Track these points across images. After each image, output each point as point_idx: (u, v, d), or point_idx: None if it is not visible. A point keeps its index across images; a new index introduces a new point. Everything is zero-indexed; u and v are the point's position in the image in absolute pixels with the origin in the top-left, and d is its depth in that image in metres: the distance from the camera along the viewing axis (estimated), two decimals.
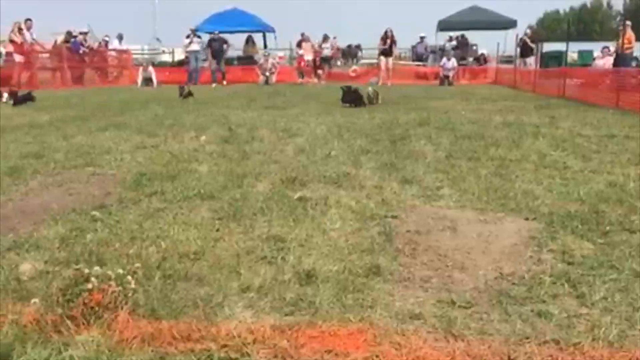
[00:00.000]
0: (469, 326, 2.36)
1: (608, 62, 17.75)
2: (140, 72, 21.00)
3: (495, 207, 4.12)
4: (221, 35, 22.23)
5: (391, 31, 21.02)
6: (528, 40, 21.43)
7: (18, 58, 18.20)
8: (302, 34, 24.32)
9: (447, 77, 21.41)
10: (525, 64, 21.20)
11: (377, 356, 2.12)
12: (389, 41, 20.89)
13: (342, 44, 35.02)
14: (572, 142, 7.01)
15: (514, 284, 2.81)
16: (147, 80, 20.55)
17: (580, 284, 2.76)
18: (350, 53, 34.17)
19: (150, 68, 21.25)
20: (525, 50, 21.32)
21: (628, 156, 6.07)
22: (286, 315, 2.48)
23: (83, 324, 2.27)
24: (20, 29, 18.38)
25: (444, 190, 4.64)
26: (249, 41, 26.42)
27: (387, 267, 2.99)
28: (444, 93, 16.39)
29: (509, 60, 26.21)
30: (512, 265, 3.04)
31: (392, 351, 2.15)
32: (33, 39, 19.09)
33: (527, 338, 2.26)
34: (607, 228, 3.58)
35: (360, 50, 34.87)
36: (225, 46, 22.32)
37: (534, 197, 4.34)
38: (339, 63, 30.93)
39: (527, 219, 3.86)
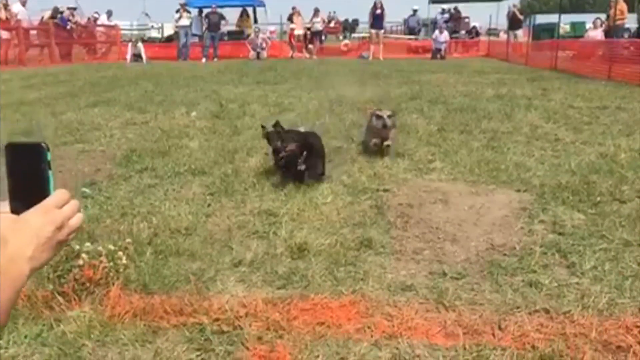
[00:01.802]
0: (460, 297, 2.38)
1: (600, 33, 17.69)
2: (129, 48, 20.71)
3: (487, 180, 4.12)
4: (218, 10, 21.92)
5: (380, 2, 20.78)
6: (517, 13, 21.28)
7: (4, 35, 17.91)
8: (293, 8, 24.00)
9: (439, 50, 21.25)
10: (515, 36, 21.08)
11: (369, 327, 2.13)
12: (378, 10, 20.65)
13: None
14: (563, 114, 7.01)
15: (505, 254, 2.83)
16: (137, 56, 20.29)
17: (570, 253, 2.78)
18: (349, 27, 34.02)
19: (140, 44, 20.95)
20: (514, 22, 21.18)
21: (619, 127, 6.08)
22: (278, 288, 2.48)
23: (74, 299, 2.28)
24: (5, 5, 18.04)
25: (436, 163, 4.64)
26: (243, 15, 26.05)
27: (379, 240, 2.99)
28: (436, 66, 16.30)
29: (494, 33, 26.02)
30: (503, 237, 3.06)
31: (384, 322, 2.16)
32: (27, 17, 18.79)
33: (518, 307, 2.28)
34: (598, 198, 3.59)
35: (357, 24, 34.66)
36: (223, 22, 22.05)
37: (526, 169, 4.35)
38: (341, 37, 30.66)
39: (518, 190, 3.87)
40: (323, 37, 25.10)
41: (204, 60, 20.23)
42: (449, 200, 3.70)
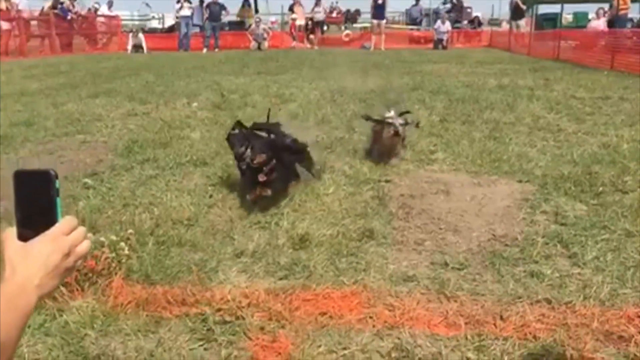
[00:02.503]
0: (462, 287, 2.38)
1: (603, 23, 17.60)
2: (130, 39, 20.67)
3: (489, 170, 4.12)
4: (219, 0, 21.82)
5: None
6: (520, 2, 21.15)
7: (5, 25, 17.87)
8: None
9: (441, 40, 21.16)
10: (517, 26, 20.96)
11: (370, 317, 2.13)
12: (380, 0, 20.52)
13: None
14: (566, 104, 6.99)
15: (506, 245, 2.82)
16: (137, 47, 20.25)
17: (572, 244, 2.78)
18: (351, 17, 33.87)
19: (141, 34, 20.90)
20: (517, 12, 21.05)
21: (622, 117, 6.06)
22: (280, 279, 2.49)
23: (77, 289, 2.28)
24: None
25: (438, 154, 4.63)
26: (244, 5, 25.95)
27: (381, 231, 2.99)
28: (438, 57, 16.24)
29: (496, 23, 25.92)
30: (505, 227, 3.05)
31: (386, 312, 2.17)
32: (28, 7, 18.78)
33: (520, 298, 2.28)
34: (600, 189, 3.59)
35: (359, 14, 34.51)
36: (224, 12, 21.95)
37: (528, 160, 4.34)
38: (342, 27, 30.54)
39: (520, 181, 3.86)
40: (325, 28, 24.98)
41: (204, 50, 20.19)
42: (450, 191, 3.70)
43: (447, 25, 21.67)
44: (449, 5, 26.43)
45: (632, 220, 3.06)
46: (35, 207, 0.87)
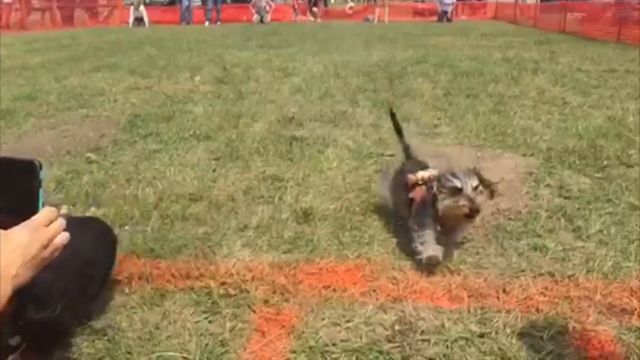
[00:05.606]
0: (465, 261, 2.38)
1: None
2: (131, 12, 20.48)
3: (493, 144, 4.10)
4: None
5: None
6: None
7: None
8: None
9: (445, 13, 20.92)
10: None
11: (374, 291, 2.14)
12: None
13: None
14: (571, 77, 6.93)
15: (510, 219, 2.82)
16: (139, 20, 20.08)
17: (576, 217, 2.77)
18: None
19: (142, 7, 20.70)
20: None
21: (628, 90, 6.01)
22: (284, 252, 2.49)
23: None
24: None
25: (442, 127, 4.60)
26: None
27: (385, 205, 2.99)
28: (443, 30, 16.06)
29: None
30: (508, 201, 3.05)
31: (389, 286, 2.18)
32: None
33: (523, 271, 2.28)
34: (605, 162, 3.57)
35: None
36: None
37: (532, 134, 4.32)
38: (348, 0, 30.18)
39: (524, 155, 3.85)
40: (332, 0, 24.69)
41: (207, 23, 20.02)
42: None
43: None
44: None
45: (636, 194, 3.05)
46: (17, 196, 0.86)
